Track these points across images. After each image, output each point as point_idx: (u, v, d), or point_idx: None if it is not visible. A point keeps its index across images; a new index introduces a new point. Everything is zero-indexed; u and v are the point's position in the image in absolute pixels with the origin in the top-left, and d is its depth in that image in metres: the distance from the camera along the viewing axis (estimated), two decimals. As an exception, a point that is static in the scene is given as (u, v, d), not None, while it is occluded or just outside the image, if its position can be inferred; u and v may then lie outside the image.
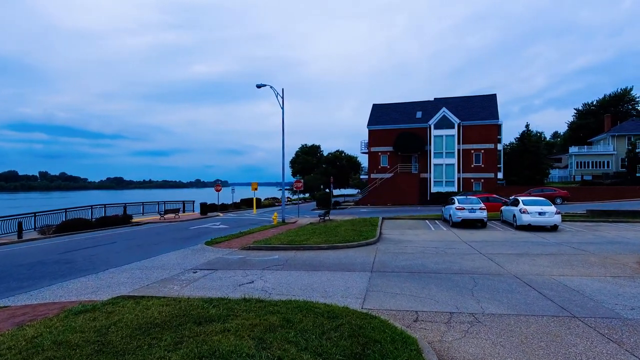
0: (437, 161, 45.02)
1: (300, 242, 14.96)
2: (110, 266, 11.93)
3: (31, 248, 17.49)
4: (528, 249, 13.58)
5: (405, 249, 13.81)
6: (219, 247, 15.17)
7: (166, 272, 10.67)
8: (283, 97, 27.49)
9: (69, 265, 12.28)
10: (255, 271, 10.52)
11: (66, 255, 14.31)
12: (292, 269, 10.77)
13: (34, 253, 15.78)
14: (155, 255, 13.66)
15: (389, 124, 48.41)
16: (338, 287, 8.60)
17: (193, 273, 10.58)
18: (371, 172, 48.90)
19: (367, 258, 12.19)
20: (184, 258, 12.98)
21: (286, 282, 9.17)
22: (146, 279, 9.90)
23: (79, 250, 15.48)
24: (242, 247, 14.79)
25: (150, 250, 14.91)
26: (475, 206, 19.96)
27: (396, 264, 11.14)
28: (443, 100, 48.79)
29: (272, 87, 27.10)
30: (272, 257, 12.58)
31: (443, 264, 11.15)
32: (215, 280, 9.59)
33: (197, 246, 15.70)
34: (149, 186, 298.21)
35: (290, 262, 11.77)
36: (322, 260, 11.99)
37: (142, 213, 34.14)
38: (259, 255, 13.01)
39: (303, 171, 74.32)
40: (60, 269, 11.75)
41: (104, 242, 17.94)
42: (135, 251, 14.87)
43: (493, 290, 8.23)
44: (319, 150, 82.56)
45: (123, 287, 9.09)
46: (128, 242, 17.68)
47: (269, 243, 14.93)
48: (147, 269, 11.37)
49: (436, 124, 44.98)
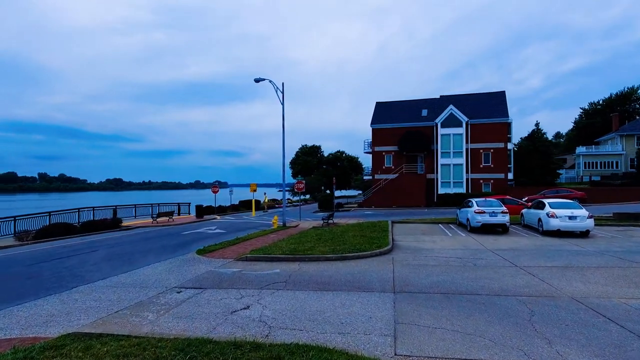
0: (445, 161, 43.16)
1: (304, 251, 13.09)
2: (80, 282, 10.05)
3: (2, 257, 15.60)
4: (568, 260, 11.72)
5: (426, 260, 11.94)
6: (211, 256, 13.30)
7: (144, 293, 8.79)
8: (283, 92, 25.66)
9: (32, 282, 10.39)
10: (252, 291, 8.65)
11: (33, 268, 12.42)
12: (296, 287, 8.90)
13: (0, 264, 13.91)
14: (137, 268, 11.79)
15: (393, 122, 46.57)
16: (357, 317, 6.73)
17: (177, 293, 8.71)
18: (375, 173, 47.04)
19: (384, 272, 10.32)
20: (169, 272, 11.11)
21: (290, 308, 7.30)
22: (117, 303, 8.02)
23: (51, 261, 13.59)
24: (238, 257, 12.93)
25: (132, 261, 13.04)
26: (497, 209, 18.09)
27: (421, 281, 9.26)
28: (450, 98, 46.94)
29: (272, 81, 25.31)
30: (273, 272, 10.70)
31: (477, 280, 9.28)
32: (202, 305, 7.71)
33: (187, 256, 13.84)
34: (149, 187, 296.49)
35: (293, 277, 9.90)
36: (331, 275, 10.11)
37: (134, 216, 32.26)
38: (256, 269, 11.13)
39: (303, 172, 72.47)
40: (20, 287, 9.86)
41: (83, 251, 16.05)
42: (116, 262, 12.99)
43: (558, 322, 6.36)
44: (320, 150, 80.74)
45: (84, 316, 7.21)
46: (110, 251, 15.80)
47: (269, 252, 13.06)
48: (123, 286, 9.50)
49: (443, 122, 43.14)
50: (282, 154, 25.49)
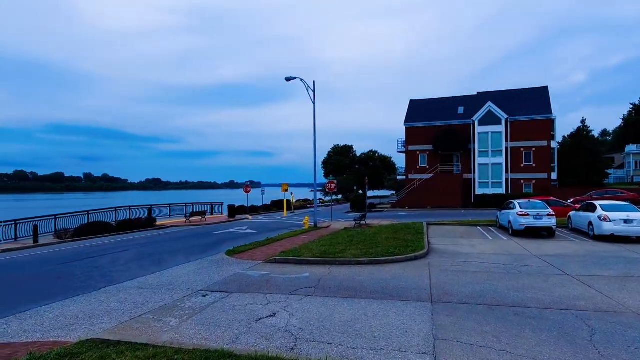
0: (482, 160, 41.42)
1: (334, 254, 12.56)
2: (108, 283, 9.98)
3: (36, 255, 16.02)
4: (627, 269, 10.58)
5: (466, 266, 11.12)
6: (240, 258, 13.02)
7: (169, 295, 8.55)
8: (314, 91, 25.26)
9: (62, 282, 10.43)
10: (279, 297, 8.22)
11: (66, 267, 12.56)
12: (326, 294, 8.39)
13: (35, 262, 14.24)
14: (166, 268, 11.66)
15: (427, 120, 45.22)
16: (391, 330, 6.14)
17: (202, 297, 8.41)
18: (409, 173, 45.84)
19: (420, 279, 9.63)
20: (197, 273, 10.88)
21: (319, 317, 6.80)
22: (141, 306, 7.80)
23: (84, 260, 13.75)
24: (267, 258, 12.58)
25: (162, 261, 12.96)
26: (542, 212, 16.86)
27: (461, 290, 8.52)
28: (487, 94, 45.03)
29: (303, 80, 24.95)
30: (302, 275, 10.24)
31: (524, 290, 8.44)
32: (227, 310, 7.34)
33: (217, 256, 13.64)
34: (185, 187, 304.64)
35: (323, 283, 9.39)
36: (363, 281, 9.53)
37: (168, 215, 32.82)
38: (285, 272, 10.71)
39: (335, 172, 71.98)
40: (50, 286, 9.90)
41: (116, 250, 16.23)
42: (145, 262, 12.95)
43: (626, 344, 5.51)
44: (352, 150, 79.95)
45: (107, 319, 7.01)
46: (141, 250, 15.88)
47: (299, 255, 12.62)
48: (149, 288, 9.33)
49: (481, 120, 41.41)
50: (313, 153, 25.09)
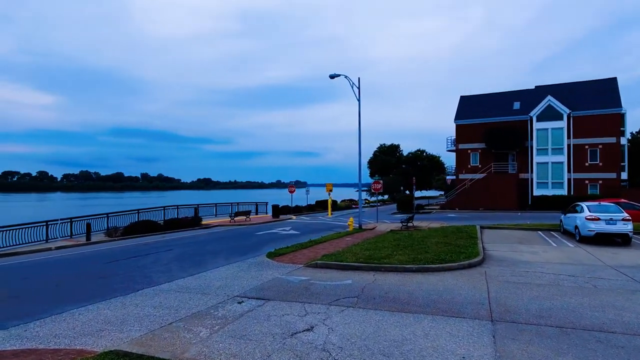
0: (541, 159, 38.56)
1: (380, 259, 11.71)
2: (147, 285, 9.78)
3: (87, 253, 16.45)
4: None
5: (529, 277, 9.88)
6: (281, 261, 12.52)
7: (204, 301, 8.13)
8: (359, 88, 24.43)
9: (104, 281, 10.38)
10: (318, 307, 7.54)
11: (110, 266, 12.63)
12: (370, 305, 7.60)
13: (83, 260, 14.56)
14: (205, 271, 11.37)
15: (480, 117, 42.86)
16: (446, 355, 5.26)
17: (237, 304, 7.91)
18: (459, 172, 43.71)
19: (475, 291, 8.58)
20: (235, 277, 10.47)
21: (361, 335, 6.04)
22: (174, 312, 7.42)
23: (128, 259, 13.84)
24: (308, 262, 11.96)
25: (202, 263, 12.73)
26: (616, 216, 14.99)
27: (526, 307, 7.41)
28: (547, 88, 41.92)
29: (347, 77, 24.20)
30: (344, 283, 9.51)
31: (604, 310, 7.18)
32: (261, 321, 6.77)
33: (257, 259, 13.22)
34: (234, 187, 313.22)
35: (367, 292, 8.60)
36: (411, 291, 8.64)
37: (214, 215, 33.27)
38: (327, 278, 10.03)
39: (381, 172, 70.49)
40: (92, 286, 9.85)
41: (160, 249, 16.32)
42: (186, 263, 12.78)
43: None
44: (398, 149, 78.01)
45: (137, 326, 6.66)
46: (184, 250, 15.84)
47: (341, 259, 11.89)
48: (186, 291, 8.99)
49: (539, 115, 38.57)
50: (358, 152, 24.27)
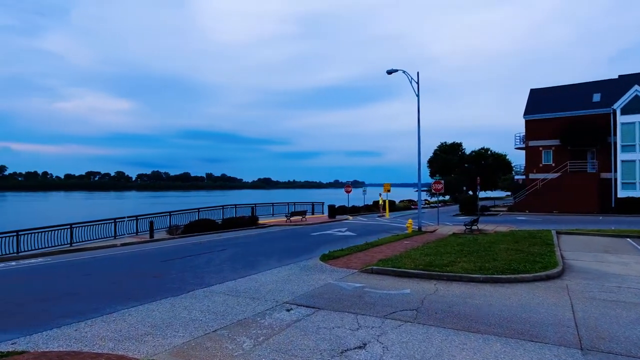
0: (627, 157, 34.50)
1: (442, 266, 10.70)
2: (198, 285, 9.64)
3: (147, 250, 16.98)
4: None
5: (622, 294, 8.41)
6: (334, 264, 11.92)
7: (252, 307, 7.74)
8: (418, 83, 23.20)
9: (157, 281, 10.43)
10: (372, 320, 6.83)
11: (165, 265, 12.79)
12: (431, 321, 6.75)
13: (142, 257, 14.97)
14: (257, 272, 11.07)
15: (553, 111, 39.33)
16: (526, 392, 4.33)
17: (286, 311, 7.43)
18: (529, 172, 40.46)
19: (558, 309, 7.38)
20: (286, 280, 10.04)
21: (421, 358, 5.26)
22: (221, 317, 7.09)
23: (183, 259, 13.99)
24: (363, 267, 11.26)
25: (255, 264, 12.49)
26: None
27: (624, 333, 6.15)
28: (632, 77, 37.46)
29: (405, 71, 23.06)
30: (402, 292, 8.70)
31: None
32: (309, 333, 6.21)
33: (310, 261, 12.74)
34: (293, 186, 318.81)
35: (428, 304, 7.73)
36: (479, 305, 7.64)
37: (271, 214, 33.51)
38: (382, 286, 9.27)
39: (442, 171, 67.55)
40: (146, 285, 9.91)
41: (215, 248, 16.42)
42: (239, 264, 12.61)
43: None
44: (461, 148, 74.30)
45: (182, 332, 6.38)
46: (238, 250, 15.79)
47: (399, 265, 11.04)
48: (235, 294, 8.69)
49: (624, 108, 34.54)
50: (417, 150, 23.06)
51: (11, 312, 7.77)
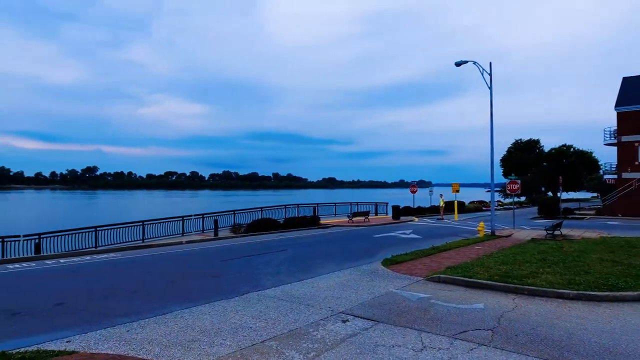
0: None
1: (521, 278, 9.40)
2: (253, 288, 9.33)
3: (209, 249, 17.23)
4: None
5: None
6: (397, 270, 11.07)
7: (305, 315, 7.20)
8: (491, 74, 21.37)
9: (214, 281, 10.31)
10: (439, 340, 5.95)
11: (224, 265, 12.74)
12: (510, 345, 5.71)
13: (204, 256, 15.15)
14: (314, 276, 10.56)
15: (652, 102, 34.57)
16: None
17: (342, 322, 6.79)
18: (622, 171, 35.97)
19: (678, 339, 5.94)
20: (344, 286, 9.40)
21: (500, 394, 4.33)
22: (272, 326, 6.62)
23: (242, 259, 13.91)
24: (429, 274, 10.28)
25: (313, 266, 12.01)
26: None
27: None
28: None
29: (476, 63, 21.37)
30: (474, 307, 7.66)
31: None
32: (365, 351, 5.50)
33: (371, 265, 11.99)
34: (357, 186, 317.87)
35: (506, 324, 6.65)
36: (570, 329, 6.41)
37: (334, 214, 33.05)
38: (451, 298, 8.27)
39: (516, 170, 62.71)
40: (202, 285, 9.81)
41: (274, 249, 16.21)
42: (296, 266, 12.20)
43: None
44: (538, 145, 68.52)
45: (229, 340, 5.99)
46: (297, 251, 15.44)
47: (471, 274, 9.90)
48: (289, 300, 8.23)
49: None
50: (490, 147, 21.24)
51: (76, 307, 7.95)
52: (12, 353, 5.35)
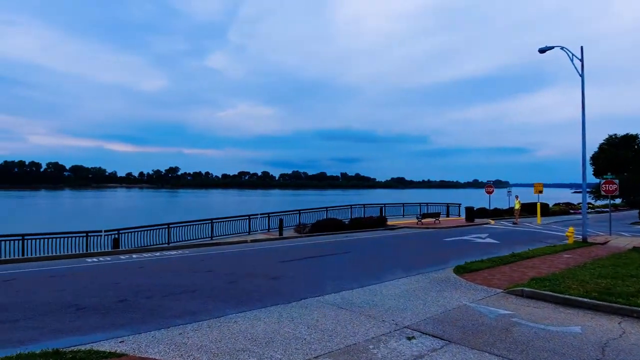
0: None
1: (627, 295, 7.84)
2: (312, 292, 8.82)
3: (272, 248, 17.12)
4: None
5: None
6: (472, 280, 9.92)
7: (365, 327, 6.50)
8: (582, 60, 18.94)
9: (273, 284, 9.95)
10: (525, 370, 4.93)
11: (284, 266, 12.39)
12: (622, 386, 4.54)
13: (267, 255, 15.00)
14: (378, 282, 9.80)
15: None
16: None
17: (406, 339, 5.99)
18: None
19: None
20: (411, 295, 8.54)
21: None
22: (327, 339, 6.01)
23: (304, 260, 13.53)
24: (510, 286, 9.04)
25: (377, 271, 11.23)
26: None
27: None
28: None
29: (564, 48, 19.10)
30: (568, 330, 6.42)
31: None
32: (433, 379, 4.68)
33: (442, 273, 10.93)
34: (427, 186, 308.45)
35: (612, 356, 5.40)
36: None
37: (401, 215, 31.72)
38: (538, 317, 7.06)
39: (611, 169, 55.93)
40: (260, 287, 9.48)
41: (339, 250, 15.64)
42: (359, 270, 11.52)
43: None
44: (636, 141, 60.67)
45: (279, 354, 5.46)
46: (361, 254, 14.74)
47: (561, 289, 8.50)
48: (349, 308, 7.58)
49: None
50: (581, 142, 18.82)
51: (137, 305, 7.98)
52: (65, 352, 5.31)
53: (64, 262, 13.44)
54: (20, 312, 7.36)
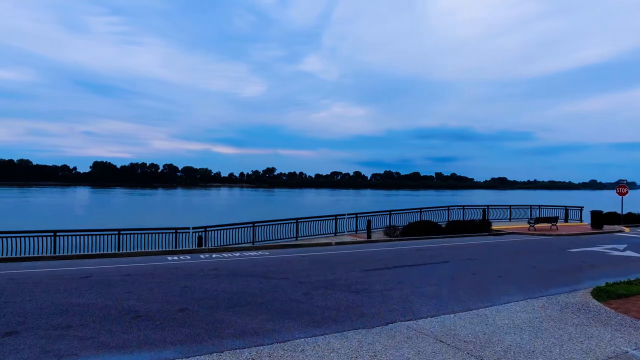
0: None
1: None
2: (402, 314, 7.08)
3: (356, 254, 15.50)
4: None
5: None
6: (624, 311, 7.28)
7: (476, 380, 4.60)
8: None
9: (354, 298, 8.33)
10: None
11: (370, 276, 10.64)
12: None
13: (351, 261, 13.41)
14: (487, 305, 7.68)
15: None
16: None
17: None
18: None
19: None
20: (537, 330, 6.32)
21: None
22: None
23: (393, 269, 11.66)
24: (688, 326, 6.29)
25: (485, 289, 9.03)
26: None
27: None
28: None
29: None
30: None
31: None
32: None
33: (575, 296, 8.36)
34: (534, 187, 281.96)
35: None
36: None
37: (508, 219, 27.89)
38: None
39: None
40: (339, 303, 7.94)
41: (433, 259, 13.46)
42: (462, 285, 9.38)
43: None
44: None
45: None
46: (463, 265, 12.41)
47: None
48: (450, 343, 5.70)
49: None
50: None
51: (196, 317, 6.99)
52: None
53: (144, 260, 13.36)
54: (77, 316, 6.83)
